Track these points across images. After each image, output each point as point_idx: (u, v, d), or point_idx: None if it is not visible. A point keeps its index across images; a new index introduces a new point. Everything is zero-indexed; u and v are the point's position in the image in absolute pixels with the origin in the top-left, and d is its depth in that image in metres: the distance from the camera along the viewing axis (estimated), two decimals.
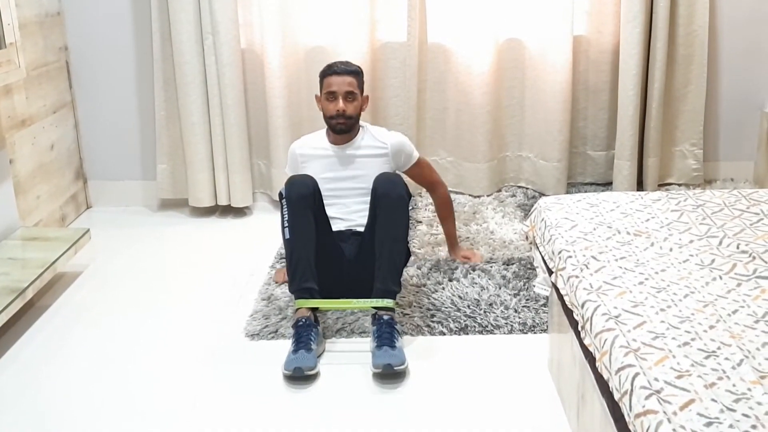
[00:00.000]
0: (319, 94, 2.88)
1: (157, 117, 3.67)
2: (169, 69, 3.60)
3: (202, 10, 3.48)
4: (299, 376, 2.31)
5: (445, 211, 3.08)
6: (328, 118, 2.82)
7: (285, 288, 2.84)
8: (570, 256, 1.94)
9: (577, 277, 1.83)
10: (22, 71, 2.94)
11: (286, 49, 3.64)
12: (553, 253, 2.06)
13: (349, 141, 2.84)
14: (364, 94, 2.88)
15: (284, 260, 3.03)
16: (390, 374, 2.31)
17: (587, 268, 1.85)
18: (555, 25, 3.61)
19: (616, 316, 1.60)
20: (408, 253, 2.72)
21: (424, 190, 3.80)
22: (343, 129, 2.80)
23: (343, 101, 2.76)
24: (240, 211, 3.80)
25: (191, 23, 3.49)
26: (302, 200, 2.56)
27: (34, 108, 3.38)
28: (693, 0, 3.59)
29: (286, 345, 2.48)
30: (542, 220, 2.25)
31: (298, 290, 2.52)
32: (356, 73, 2.83)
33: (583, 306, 1.72)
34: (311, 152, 2.87)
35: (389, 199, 2.55)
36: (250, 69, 3.72)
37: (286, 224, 2.57)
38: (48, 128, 3.51)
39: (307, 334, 2.41)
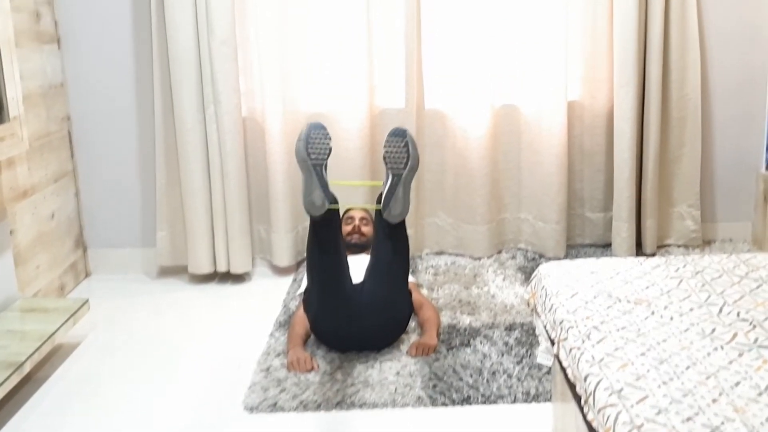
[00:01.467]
0: None
1: (157, 184, 3.70)
2: (170, 137, 3.65)
3: (204, 80, 3.54)
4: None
5: (426, 324, 3.00)
6: (344, 237, 3.24)
7: (284, 359, 2.83)
8: (571, 327, 1.94)
9: (578, 348, 1.83)
10: (24, 143, 2.97)
11: (286, 116, 3.69)
12: (554, 322, 2.05)
13: (361, 254, 3.23)
14: None
15: (285, 331, 3.05)
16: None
17: (589, 339, 1.85)
18: (549, 90, 3.67)
19: (619, 391, 1.59)
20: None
21: (426, 251, 3.86)
22: (357, 243, 3.30)
23: (359, 222, 3.35)
24: (239, 277, 3.80)
25: (193, 92, 3.54)
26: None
27: (35, 178, 3.41)
28: (685, 65, 3.66)
29: (285, 418, 2.46)
30: (543, 287, 2.25)
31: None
32: (370, 214, 3.39)
33: (585, 379, 1.70)
34: None
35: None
36: (251, 136, 3.76)
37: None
38: (49, 197, 3.53)
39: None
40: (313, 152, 2.61)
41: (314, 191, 2.59)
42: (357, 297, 2.77)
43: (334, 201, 2.68)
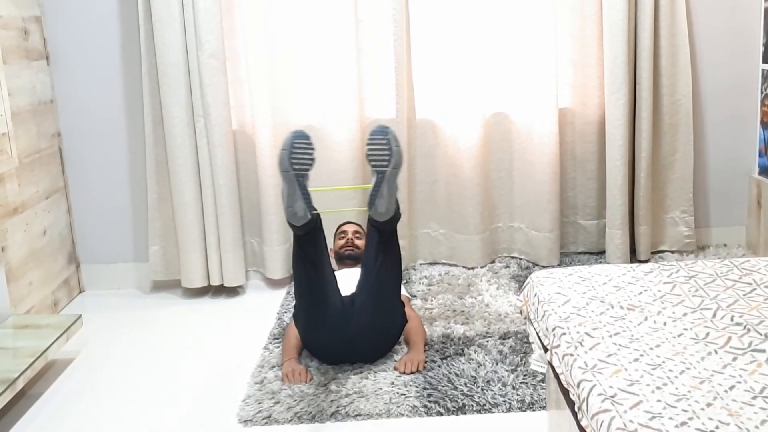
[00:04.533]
0: (332, 246, 3.36)
1: (149, 199, 3.69)
2: (161, 152, 3.64)
3: (193, 93, 3.53)
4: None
5: (412, 338, 2.95)
6: (338, 251, 3.31)
7: (278, 371, 2.82)
8: (564, 333, 1.93)
9: (571, 355, 1.82)
10: (14, 160, 2.97)
11: (276, 128, 3.68)
12: (547, 329, 2.05)
13: (355, 266, 3.19)
14: None
15: (278, 343, 3.04)
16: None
17: (581, 345, 1.84)
18: (540, 98, 3.67)
19: (612, 396, 1.58)
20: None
21: (419, 261, 3.86)
22: (351, 255, 3.26)
23: (352, 235, 3.33)
24: (233, 291, 3.78)
25: (183, 106, 3.54)
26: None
27: (26, 195, 3.39)
28: (675, 71, 3.66)
29: (280, 430, 2.44)
30: (535, 295, 2.24)
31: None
32: (363, 228, 3.34)
33: (578, 386, 1.70)
34: None
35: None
36: (241, 149, 3.76)
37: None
38: (40, 214, 3.52)
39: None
40: (297, 163, 2.58)
41: (296, 202, 2.58)
42: (346, 310, 2.76)
43: (316, 213, 2.67)
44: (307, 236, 2.71)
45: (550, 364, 2.02)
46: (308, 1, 3.65)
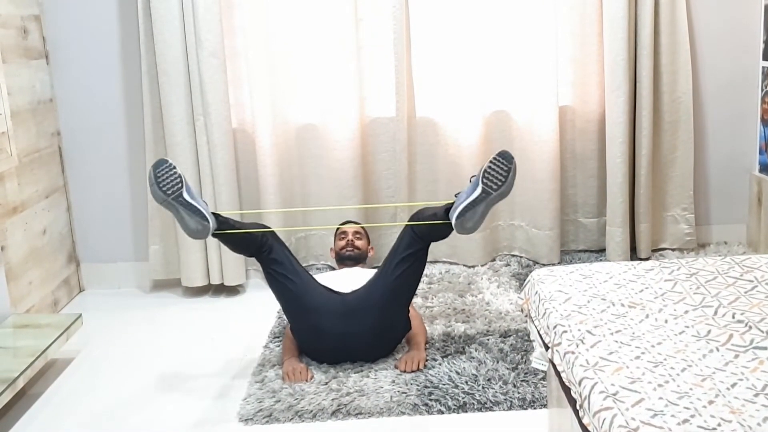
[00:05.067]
0: (332, 246, 3.41)
1: (149, 198, 3.67)
2: (161, 150, 3.63)
3: (193, 92, 3.53)
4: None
5: (414, 334, 2.97)
6: (338, 251, 3.31)
7: (278, 370, 2.82)
8: (565, 331, 1.92)
9: (573, 353, 1.81)
10: (14, 159, 2.96)
11: (276, 127, 3.68)
12: (548, 327, 2.04)
13: (355, 266, 3.22)
14: (370, 245, 3.41)
15: (279, 342, 3.04)
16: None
17: (583, 343, 1.83)
18: (540, 96, 3.67)
19: (614, 394, 1.58)
20: None
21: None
22: (351, 255, 3.26)
23: (352, 236, 3.31)
24: (233, 290, 3.78)
25: (182, 105, 3.53)
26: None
27: (26, 194, 3.39)
28: (675, 68, 3.66)
29: (281, 429, 2.44)
30: (536, 293, 2.24)
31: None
32: (364, 229, 3.42)
33: (580, 383, 1.69)
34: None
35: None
36: (241, 148, 3.76)
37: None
38: (40, 213, 3.52)
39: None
40: (167, 187, 2.59)
41: (189, 223, 2.60)
42: (345, 304, 2.76)
43: (215, 216, 2.67)
44: (262, 255, 2.81)
45: (551, 362, 2.02)
46: (308, 0, 3.64)
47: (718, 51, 3.79)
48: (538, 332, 2.16)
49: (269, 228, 2.94)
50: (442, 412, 2.51)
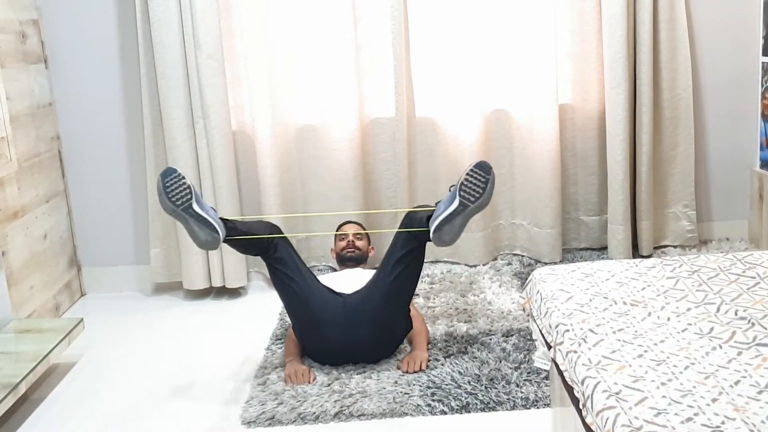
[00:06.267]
0: (332, 247, 3.42)
1: (150, 201, 3.68)
2: (160, 153, 3.63)
3: (192, 94, 3.53)
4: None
5: (416, 334, 2.96)
6: (339, 252, 3.31)
7: (281, 372, 2.81)
8: (567, 330, 1.92)
9: (575, 352, 1.81)
10: (13, 164, 2.96)
11: (276, 129, 3.67)
12: (550, 326, 2.03)
13: (356, 267, 3.22)
14: (371, 245, 3.41)
15: (281, 344, 3.04)
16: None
17: (585, 342, 1.83)
18: (540, 94, 3.66)
19: (617, 393, 1.57)
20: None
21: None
22: (352, 256, 3.25)
23: (352, 237, 3.30)
24: (235, 292, 3.77)
25: (182, 107, 3.53)
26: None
27: (26, 198, 3.39)
28: (675, 65, 3.65)
29: (284, 431, 2.43)
30: (538, 292, 2.23)
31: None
32: (364, 230, 3.43)
33: (583, 383, 1.68)
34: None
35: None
36: (241, 150, 3.75)
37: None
38: (41, 218, 3.51)
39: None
40: (176, 198, 2.58)
41: (199, 235, 2.60)
42: (347, 307, 2.75)
43: (224, 227, 2.67)
44: (269, 256, 2.81)
45: (553, 361, 2.01)
46: (306, 1, 3.64)
47: (717, 47, 3.78)
48: (540, 331, 2.16)
49: (275, 225, 2.92)
50: (445, 413, 2.50)
